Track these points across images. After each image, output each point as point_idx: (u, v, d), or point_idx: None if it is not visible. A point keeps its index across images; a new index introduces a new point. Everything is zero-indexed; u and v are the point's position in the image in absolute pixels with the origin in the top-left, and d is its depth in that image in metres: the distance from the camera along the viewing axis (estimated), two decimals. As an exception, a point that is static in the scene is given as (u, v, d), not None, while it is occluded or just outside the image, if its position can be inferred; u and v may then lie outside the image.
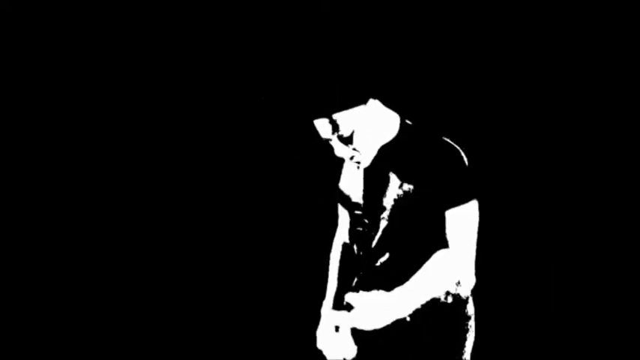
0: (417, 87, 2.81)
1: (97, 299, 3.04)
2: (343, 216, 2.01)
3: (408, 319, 1.77)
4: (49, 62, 2.94)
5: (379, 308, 1.58)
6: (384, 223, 1.75)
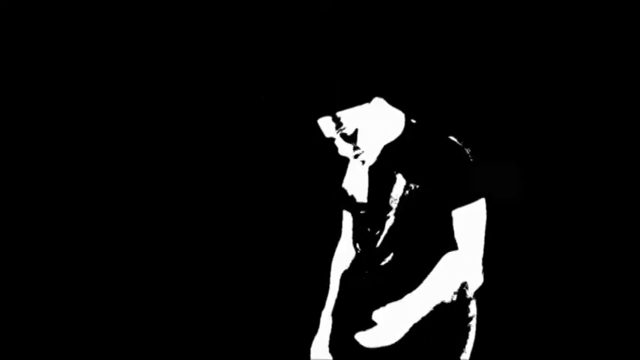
0: (423, 86, 2.80)
1: (97, 299, 3.04)
2: (347, 220, 2.00)
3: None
4: (49, 62, 2.94)
5: (399, 322, 1.58)
6: (389, 223, 1.74)
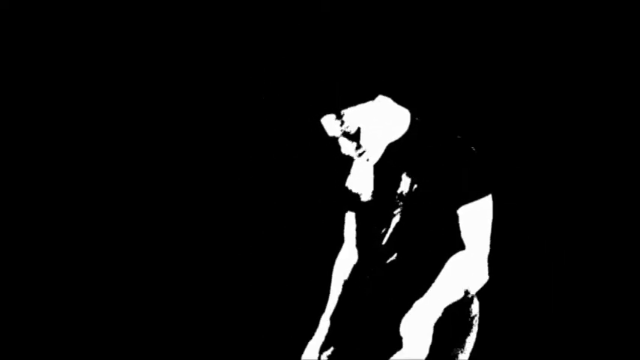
0: (428, 84, 2.80)
1: (97, 299, 3.04)
2: (349, 221, 1.99)
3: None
4: (49, 62, 2.94)
5: (419, 332, 1.58)
6: (395, 221, 1.74)
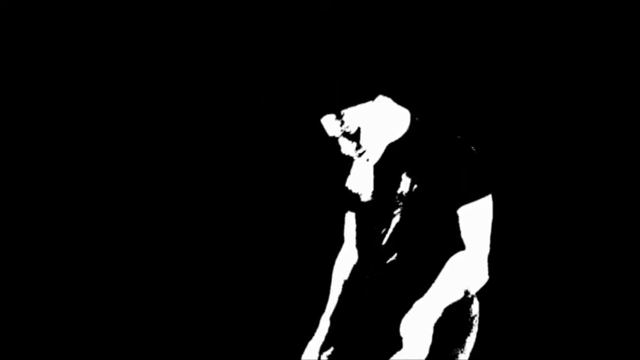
0: (427, 84, 2.79)
1: (97, 299, 3.04)
2: (349, 221, 1.99)
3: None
4: (50, 62, 2.94)
5: (420, 333, 1.58)
6: (395, 221, 1.74)
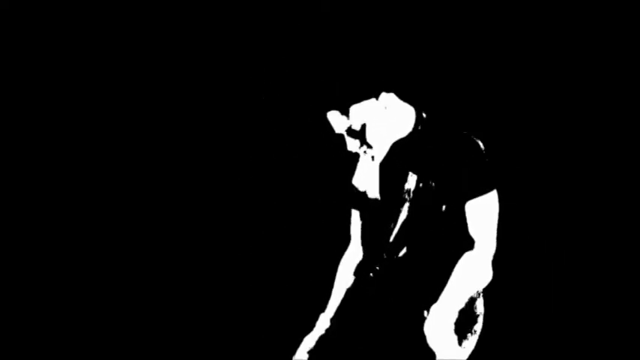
0: (434, 79, 2.79)
1: (97, 299, 3.04)
2: (355, 220, 1.99)
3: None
4: (49, 62, 2.94)
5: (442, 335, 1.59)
6: (402, 217, 1.75)
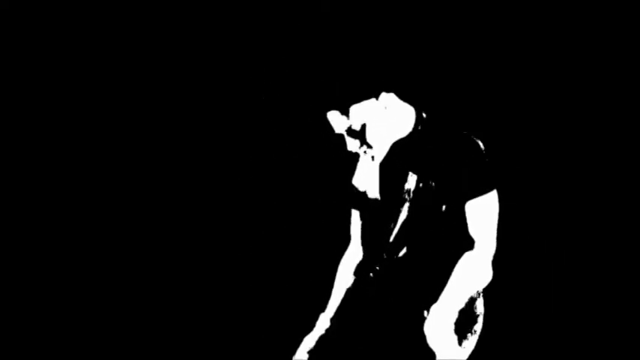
0: (433, 79, 2.79)
1: (97, 299, 3.04)
2: (355, 220, 1.99)
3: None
4: (49, 62, 2.94)
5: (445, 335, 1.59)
6: (402, 217, 1.75)
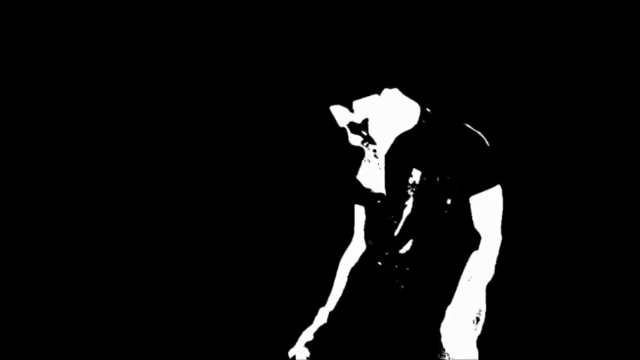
0: (437, 74, 2.79)
1: (97, 299, 3.04)
2: (359, 215, 1.99)
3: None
4: (49, 62, 2.95)
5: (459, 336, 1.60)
6: (407, 211, 1.75)
